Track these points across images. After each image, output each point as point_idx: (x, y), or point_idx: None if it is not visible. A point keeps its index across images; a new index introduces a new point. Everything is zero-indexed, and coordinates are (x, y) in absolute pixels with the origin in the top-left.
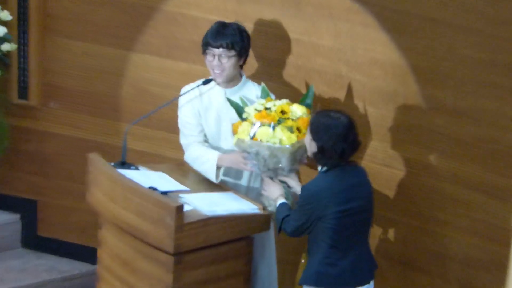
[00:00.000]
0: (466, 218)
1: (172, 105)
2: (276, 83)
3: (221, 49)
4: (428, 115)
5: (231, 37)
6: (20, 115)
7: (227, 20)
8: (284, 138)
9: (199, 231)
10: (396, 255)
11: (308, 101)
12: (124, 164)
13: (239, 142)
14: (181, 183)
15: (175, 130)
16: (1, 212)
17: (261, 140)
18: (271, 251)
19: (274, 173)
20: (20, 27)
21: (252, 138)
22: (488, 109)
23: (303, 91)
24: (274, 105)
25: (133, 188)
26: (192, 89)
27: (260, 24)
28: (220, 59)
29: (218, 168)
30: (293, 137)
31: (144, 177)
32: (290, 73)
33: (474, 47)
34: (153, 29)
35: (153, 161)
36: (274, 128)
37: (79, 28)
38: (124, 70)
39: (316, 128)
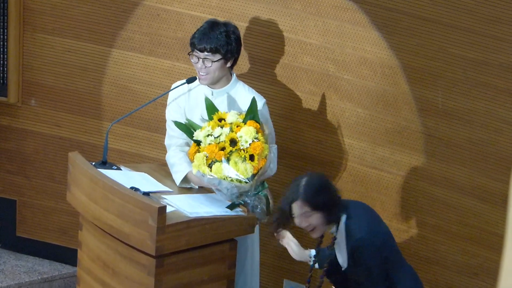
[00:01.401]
0: (457, 223)
1: (155, 104)
2: (261, 82)
3: (205, 53)
4: (419, 116)
5: (216, 40)
6: None
7: (212, 17)
8: (238, 174)
9: (181, 233)
10: None
11: (255, 117)
12: (105, 164)
13: (199, 174)
14: (164, 183)
15: (158, 130)
16: None
17: (217, 177)
18: (254, 254)
19: (241, 197)
20: None
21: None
22: (480, 110)
23: (289, 90)
24: (220, 133)
25: (114, 188)
26: (180, 85)
27: (245, 21)
28: (205, 62)
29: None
30: (248, 168)
31: (126, 177)
32: (276, 72)
33: (466, 47)
34: (135, 25)
35: (135, 161)
36: (227, 161)
37: (60, 24)
38: (105, 67)
39: (316, 202)
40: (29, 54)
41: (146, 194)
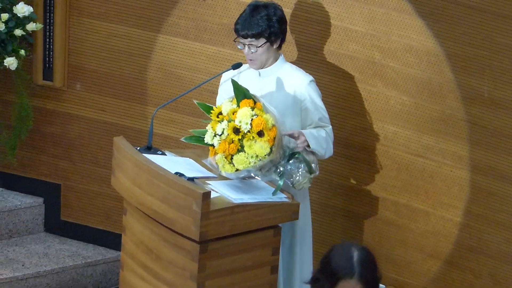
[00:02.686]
0: (501, 212)
1: (200, 89)
2: (306, 68)
3: (248, 39)
4: (464, 105)
5: (257, 26)
6: (45, 96)
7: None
8: (257, 153)
9: (225, 219)
10: (428, 249)
11: (246, 94)
12: (150, 149)
13: (228, 174)
14: (208, 169)
15: (203, 115)
16: (24, 196)
17: (243, 168)
18: (305, 241)
19: (277, 169)
20: (46, 7)
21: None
22: None
23: (335, 77)
24: (222, 129)
25: (159, 173)
26: (225, 72)
27: (290, 7)
28: (250, 48)
29: None
30: (264, 145)
31: (171, 162)
32: (321, 59)
33: None
34: (181, 11)
35: (180, 146)
36: (242, 150)
37: (106, 9)
38: (151, 52)
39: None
40: (75, 39)
41: (191, 179)
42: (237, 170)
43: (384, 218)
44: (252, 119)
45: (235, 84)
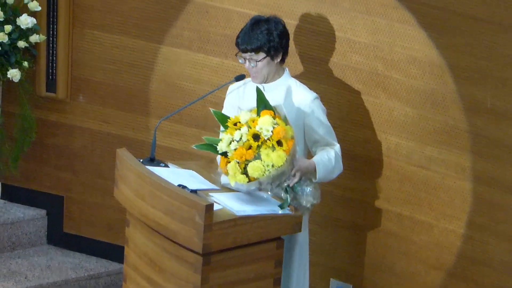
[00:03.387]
0: (505, 223)
1: (203, 101)
2: (309, 80)
3: (248, 53)
4: (467, 116)
5: (256, 40)
6: (48, 108)
7: (261, 14)
8: (273, 162)
9: (228, 231)
10: (431, 261)
11: (266, 105)
12: (153, 161)
13: (238, 185)
14: (211, 181)
15: (206, 127)
16: (27, 208)
17: (257, 177)
18: (303, 253)
19: (281, 185)
20: (49, 18)
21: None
22: None
23: (338, 89)
24: (241, 135)
25: (162, 185)
26: (228, 84)
27: (293, 18)
28: (250, 62)
29: None
30: (281, 154)
31: (173, 174)
32: (324, 70)
33: None
34: (184, 22)
35: (183, 158)
36: (259, 157)
37: (109, 20)
38: (154, 63)
39: None
40: (78, 50)
41: (194, 191)
42: (249, 181)
43: (387, 230)
44: (273, 127)
45: (259, 93)
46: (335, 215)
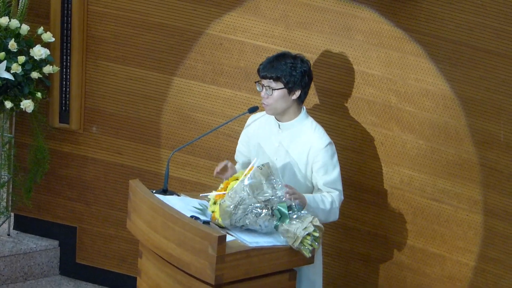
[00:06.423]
0: None
1: (216, 132)
2: (322, 112)
3: (267, 80)
4: (480, 149)
5: (279, 70)
6: (61, 139)
7: (274, 46)
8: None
9: (241, 263)
10: None
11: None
12: (166, 192)
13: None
14: None
15: (219, 158)
16: (40, 238)
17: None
18: (316, 285)
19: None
20: (63, 49)
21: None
22: None
23: (351, 121)
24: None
25: (175, 217)
26: (241, 115)
27: (308, 51)
28: (267, 90)
29: None
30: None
31: (184, 203)
32: (338, 102)
33: None
34: (198, 54)
35: (196, 190)
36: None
37: (122, 52)
38: (167, 95)
39: None
40: (91, 82)
41: (206, 222)
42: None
43: (400, 262)
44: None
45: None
46: (347, 247)
